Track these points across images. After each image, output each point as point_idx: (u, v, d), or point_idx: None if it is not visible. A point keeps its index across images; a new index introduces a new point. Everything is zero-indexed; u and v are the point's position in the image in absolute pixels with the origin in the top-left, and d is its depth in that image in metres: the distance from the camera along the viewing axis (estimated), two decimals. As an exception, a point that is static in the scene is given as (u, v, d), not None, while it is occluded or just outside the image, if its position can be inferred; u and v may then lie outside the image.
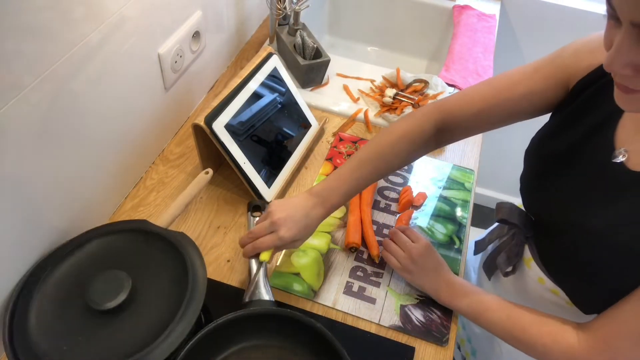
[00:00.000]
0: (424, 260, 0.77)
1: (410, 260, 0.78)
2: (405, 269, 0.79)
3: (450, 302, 0.75)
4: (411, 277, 0.79)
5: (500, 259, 0.78)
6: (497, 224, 0.88)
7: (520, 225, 0.73)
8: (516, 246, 0.76)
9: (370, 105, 1.12)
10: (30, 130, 0.62)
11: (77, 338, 0.61)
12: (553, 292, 0.71)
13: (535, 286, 0.74)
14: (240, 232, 0.87)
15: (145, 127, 0.90)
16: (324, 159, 1.01)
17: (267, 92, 0.93)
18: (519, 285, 0.78)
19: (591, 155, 0.62)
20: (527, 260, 0.75)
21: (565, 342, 0.63)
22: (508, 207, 0.75)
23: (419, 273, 0.78)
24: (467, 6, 1.44)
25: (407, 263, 0.78)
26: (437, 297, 0.77)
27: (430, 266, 0.78)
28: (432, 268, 0.77)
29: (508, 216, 0.74)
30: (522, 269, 0.77)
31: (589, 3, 1.50)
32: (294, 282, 0.80)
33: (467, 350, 0.98)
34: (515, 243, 0.76)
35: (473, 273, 0.98)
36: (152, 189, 0.92)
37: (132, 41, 0.78)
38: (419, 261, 0.77)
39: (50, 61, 0.62)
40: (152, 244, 0.71)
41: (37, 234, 0.69)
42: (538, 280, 0.73)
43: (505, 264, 0.77)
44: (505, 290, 0.82)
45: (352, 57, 1.31)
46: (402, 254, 0.79)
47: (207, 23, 1.01)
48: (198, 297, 0.66)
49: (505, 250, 0.78)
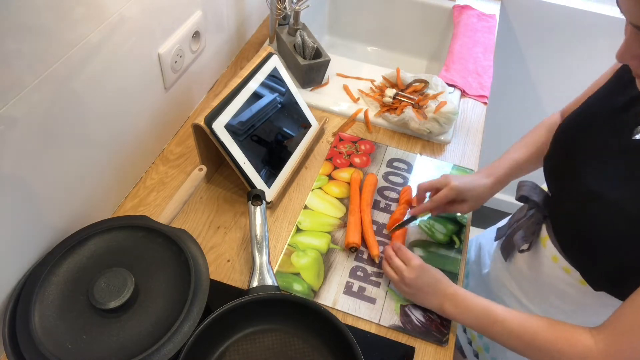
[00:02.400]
0: (419, 282, 0.76)
1: (404, 285, 0.77)
2: (403, 292, 0.78)
3: (457, 317, 0.73)
4: (413, 299, 0.78)
5: (518, 236, 0.79)
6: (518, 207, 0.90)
7: (540, 202, 0.76)
8: (533, 225, 0.77)
9: (370, 105, 1.12)
10: (31, 130, 0.62)
11: (82, 336, 0.61)
12: (565, 270, 0.73)
13: (549, 264, 0.76)
14: (240, 232, 0.87)
15: (145, 127, 0.90)
16: (324, 159, 1.01)
17: (267, 92, 0.93)
18: (533, 264, 0.80)
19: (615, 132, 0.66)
20: (543, 239, 0.77)
21: (581, 345, 0.61)
22: (529, 185, 0.78)
23: (418, 294, 0.77)
24: (467, 6, 1.44)
25: (403, 287, 0.78)
26: (442, 313, 0.75)
27: (427, 286, 0.76)
28: (430, 287, 0.76)
29: (529, 193, 0.76)
30: (538, 248, 0.78)
31: (589, 3, 1.50)
32: (294, 282, 0.80)
33: (480, 345, 0.99)
34: (533, 222, 0.78)
35: (488, 259, 0.98)
36: (152, 189, 0.92)
37: (132, 41, 0.78)
38: (413, 284, 0.76)
39: (50, 61, 0.62)
40: (153, 240, 0.71)
41: (37, 233, 0.69)
42: (552, 258, 0.75)
43: (522, 240, 0.78)
44: (519, 270, 0.83)
45: (352, 57, 1.31)
46: (397, 279, 0.78)
47: (207, 23, 1.01)
48: (202, 295, 0.66)
49: (523, 229, 0.79)
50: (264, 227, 0.78)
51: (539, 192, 0.77)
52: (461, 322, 0.73)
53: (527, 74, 1.69)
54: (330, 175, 0.98)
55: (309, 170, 0.99)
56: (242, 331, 0.70)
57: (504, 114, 1.81)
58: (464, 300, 0.72)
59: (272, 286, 0.73)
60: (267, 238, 0.78)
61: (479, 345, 0.99)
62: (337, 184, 0.96)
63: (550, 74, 1.66)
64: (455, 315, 0.73)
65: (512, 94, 1.75)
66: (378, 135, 1.08)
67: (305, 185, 0.96)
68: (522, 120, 1.84)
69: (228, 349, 0.69)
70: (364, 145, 1.04)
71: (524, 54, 1.65)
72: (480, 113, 1.16)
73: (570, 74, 1.64)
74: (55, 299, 0.64)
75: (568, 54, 1.59)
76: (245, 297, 0.69)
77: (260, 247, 0.76)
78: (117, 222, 0.73)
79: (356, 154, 1.02)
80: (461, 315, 0.72)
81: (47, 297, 0.64)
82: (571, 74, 1.63)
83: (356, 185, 0.94)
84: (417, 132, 1.06)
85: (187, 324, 0.63)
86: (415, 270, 0.76)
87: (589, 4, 1.50)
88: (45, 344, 0.59)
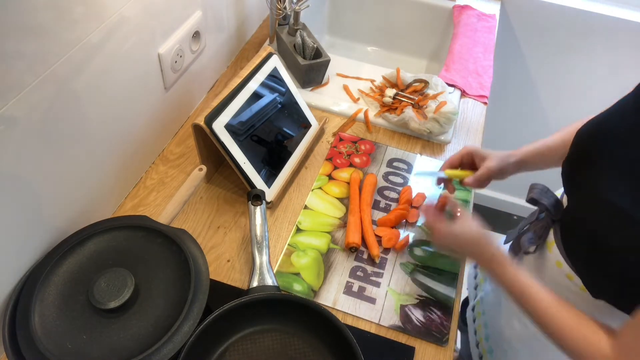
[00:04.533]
0: (454, 246, 0.76)
1: (441, 245, 0.79)
2: (452, 251, 0.80)
3: (495, 282, 0.74)
4: (461, 256, 0.81)
5: (525, 238, 0.79)
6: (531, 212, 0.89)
7: (549, 206, 0.75)
8: (542, 228, 0.78)
9: (370, 105, 1.12)
10: (31, 129, 0.62)
11: (82, 336, 0.61)
12: (568, 277, 0.73)
13: (552, 269, 0.76)
14: (240, 232, 0.87)
15: (145, 127, 0.90)
16: (324, 159, 1.01)
17: (267, 92, 0.93)
18: (538, 268, 0.80)
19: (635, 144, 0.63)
20: (550, 244, 0.77)
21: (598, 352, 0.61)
22: (540, 187, 0.78)
23: (467, 252, 0.76)
24: (467, 6, 1.44)
25: (450, 248, 0.78)
26: (489, 270, 0.73)
27: (464, 247, 0.75)
28: (468, 248, 0.75)
29: (539, 196, 0.76)
30: (544, 252, 0.78)
31: (589, 3, 1.50)
32: (294, 282, 0.80)
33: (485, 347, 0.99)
34: (542, 225, 0.78)
35: None
36: (152, 189, 0.92)
37: (132, 41, 0.78)
38: (449, 247, 0.77)
39: (50, 61, 0.62)
40: (153, 240, 0.71)
41: (37, 233, 0.69)
42: (556, 263, 0.75)
43: (529, 243, 0.78)
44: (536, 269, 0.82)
45: (352, 57, 1.31)
46: (443, 239, 0.77)
47: (207, 23, 1.01)
48: (202, 295, 0.66)
49: (531, 231, 0.80)
50: (264, 227, 0.78)
51: (549, 196, 0.76)
52: (498, 283, 0.72)
53: (527, 74, 1.69)
54: (330, 175, 0.98)
55: (309, 170, 0.99)
56: (242, 331, 0.70)
57: (504, 114, 1.81)
58: (503, 275, 0.71)
59: (272, 286, 0.73)
60: (267, 238, 0.78)
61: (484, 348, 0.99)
62: (337, 184, 0.96)
63: (550, 74, 1.66)
64: (494, 281, 0.73)
65: (512, 94, 1.75)
66: (378, 135, 1.08)
67: (305, 185, 0.96)
68: (522, 120, 1.84)
69: (228, 349, 0.69)
70: (364, 145, 1.04)
71: (524, 54, 1.65)
72: (480, 113, 1.16)
73: (570, 74, 1.64)
74: (55, 299, 0.64)
75: (568, 54, 1.59)
76: (245, 297, 0.68)
77: (260, 247, 0.76)
78: (117, 222, 0.73)
79: (356, 154, 1.02)
80: (499, 284, 0.72)
81: (47, 297, 0.64)
82: (571, 74, 1.63)
83: (356, 185, 0.94)
84: (417, 132, 1.06)
85: (187, 324, 0.63)
86: (444, 236, 0.76)
87: (589, 4, 1.50)
88: (45, 344, 0.59)
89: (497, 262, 0.71)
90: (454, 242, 0.75)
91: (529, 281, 0.69)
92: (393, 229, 0.89)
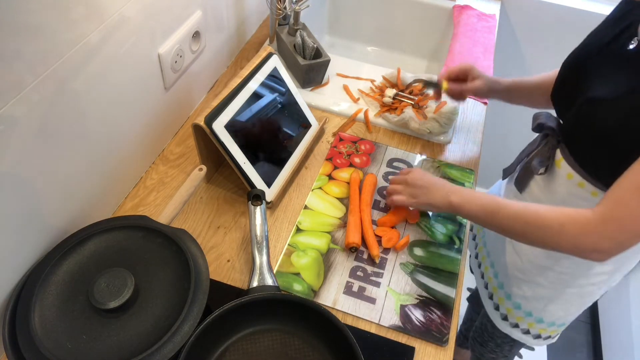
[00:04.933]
0: (421, 180, 0.86)
1: (408, 186, 0.86)
2: (410, 196, 0.86)
3: (463, 207, 0.79)
4: (418, 201, 0.85)
5: (536, 161, 0.85)
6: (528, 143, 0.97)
7: (555, 127, 0.84)
8: (549, 150, 0.85)
9: (370, 105, 1.12)
10: (31, 129, 0.62)
11: (82, 336, 0.61)
12: (579, 185, 0.79)
13: (564, 183, 0.82)
14: (240, 232, 0.87)
15: (146, 127, 0.90)
16: (324, 159, 1.01)
17: (267, 92, 0.93)
18: (548, 187, 0.86)
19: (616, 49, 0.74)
20: (558, 161, 0.83)
21: (581, 217, 0.68)
22: (544, 114, 0.87)
23: (423, 193, 0.84)
24: (467, 6, 1.44)
25: (408, 190, 0.86)
26: (449, 207, 0.81)
27: (431, 182, 0.85)
28: (433, 183, 0.85)
29: (545, 121, 0.85)
30: (553, 170, 0.85)
31: (589, 3, 1.50)
32: (294, 282, 0.80)
33: (495, 285, 1.06)
34: (548, 148, 0.85)
35: None
36: (152, 189, 0.92)
37: (132, 41, 0.78)
38: (417, 183, 0.86)
39: (50, 61, 0.62)
40: (153, 240, 0.71)
41: (37, 233, 0.69)
42: (567, 176, 0.81)
43: (539, 165, 0.85)
44: (534, 198, 0.89)
45: (352, 57, 1.31)
46: (400, 187, 0.87)
47: (207, 23, 1.01)
48: (201, 295, 0.66)
49: (538, 156, 0.86)
50: (264, 227, 0.78)
51: (553, 119, 0.86)
52: (467, 212, 0.79)
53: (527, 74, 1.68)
54: (330, 175, 0.98)
55: (309, 170, 0.99)
56: (242, 331, 0.70)
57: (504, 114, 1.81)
58: (469, 192, 0.80)
59: (272, 286, 0.73)
60: (267, 238, 0.78)
61: (494, 286, 1.05)
62: (337, 184, 0.96)
63: (550, 74, 1.66)
64: (462, 205, 0.79)
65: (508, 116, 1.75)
66: (378, 135, 1.08)
67: (305, 185, 0.96)
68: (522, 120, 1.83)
69: (228, 349, 0.69)
70: (364, 145, 1.04)
71: (524, 54, 1.65)
72: (480, 113, 1.16)
73: (570, 74, 1.63)
74: (55, 299, 0.64)
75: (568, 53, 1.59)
76: (245, 297, 0.68)
77: (260, 247, 0.76)
78: (117, 222, 0.73)
79: (356, 154, 1.02)
80: (467, 205, 0.79)
81: (47, 297, 0.64)
82: (571, 74, 1.63)
83: (356, 185, 0.94)
84: (417, 132, 1.06)
85: (187, 324, 0.63)
86: (416, 171, 0.88)
87: (589, 4, 1.50)
88: (45, 344, 0.59)
89: (457, 194, 0.80)
90: (423, 179, 0.86)
91: (492, 197, 0.78)
92: (393, 229, 0.89)
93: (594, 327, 1.88)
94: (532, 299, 0.98)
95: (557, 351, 1.82)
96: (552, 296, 0.95)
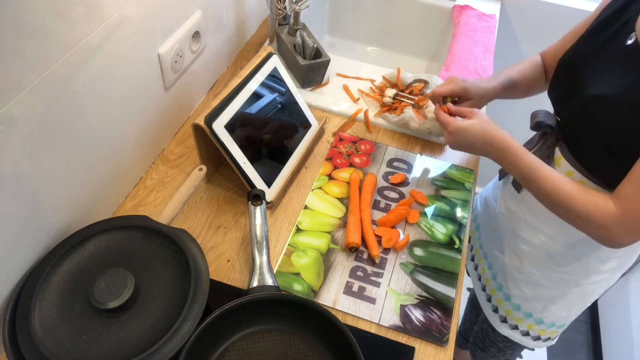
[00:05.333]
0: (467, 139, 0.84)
1: (454, 142, 0.86)
2: (456, 145, 0.87)
3: (505, 168, 0.82)
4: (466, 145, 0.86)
5: None
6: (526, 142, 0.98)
7: (554, 125, 0.85)
8: (548, 148, 0.86)
9: (370, 105, 1.12)
10: (31, 129, 0.62)
11: (82, 336, 0.61)
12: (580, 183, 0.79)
13: None
14: (240, 232, 0.87)
15: (145, 127, 0.90)
16: (324, 159, 1.01)
17: (267, 92, 0.93)
18: None
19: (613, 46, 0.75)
20: (557, 160, 0.85)
21: (606, 209, 0.71)
22: (543, 112, 0.87)
23: (469, 148, 0.86)
24: (467, 6, 1.44)
25: (453, 142, 0.86)
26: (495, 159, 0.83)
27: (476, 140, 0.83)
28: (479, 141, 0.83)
29: (543, 119, 0.86)
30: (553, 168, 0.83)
31: (589, 3, 1.50)
32: (294, 282, 0.80)
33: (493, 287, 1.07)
34: (547, 146, 0.86)
35: (495, 202, 1.07)
36: (152, 189, 0.92)
37: (132, 41, 0.78)
38: (460, 142, 0.85)
39: (50, 61, 0.62)
40: (153, 240, 0.71)
41: (37, 233, 0.69)
42: (567, 174, 0.82)
43: None
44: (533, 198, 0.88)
45: (352, 57, 1.31)
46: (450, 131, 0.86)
47: (207, 23, 1.01)
48: (201, 295, 0.66)
49: (537, 154, 0.85)
50: (264, 227, 0.78)
51: (552, 117, 0.86)
52: (506, 169, 0.82)
53: (527, 74, 1.69)
54: (330, 175, 0.98)
55: (309, 170, 0.99)
56: (242, 331, 0.70)
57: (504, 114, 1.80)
58: (512, 156, 0.79)
59: (272, 286, 0.73)
60: (267, 238, 0.78)
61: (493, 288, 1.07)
62: (337, 184, 0.96)
63: (550, 74, 1.66)
64: (504, 166, 0.82)
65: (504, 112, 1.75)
66: (378, 135, 1.08)
67: (305, 185, 0.96)
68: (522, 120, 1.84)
69: (228, 349, 0.69)
70: (364, 145, 1.04)
71: (524, 54, 1.65)
72: (480, 113, 1.16)
73: (570, 74, 1.63)
74: (55, 299, 0.64)
75: (568, 54, 1.59)
76: (245, 297, 0.68)
77: (260, 247, 0.76)
78: (117, 222, 0.73)
79: (356, 154, 1.02)
80: (507, 169, 0.82)
81: (47, 297, 0.64)
82: (571, 74, 1.63)
83: (355, 185, 0.94)
84: (417, 132, 1.06)
85: (187, 324, 0.63)
86: (452, 134, 0.85)
87: (589, 4, 1.50)
88: (45, 344, 0.59)
89: (509, 151, 0.79)
90: (466, 136, 0.83)
91: (538, 162, 0.77)
92: (393, 229, 0.89)
93: (594, 327, 1.88)
94: (532, 299, 0.98)
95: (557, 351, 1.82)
96: (554, 297, 0.95)
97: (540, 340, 1.05)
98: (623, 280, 1.74)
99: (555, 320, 1.00)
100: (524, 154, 0.79)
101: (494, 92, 0.95)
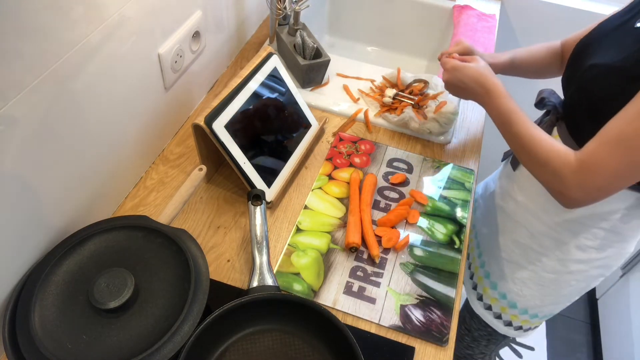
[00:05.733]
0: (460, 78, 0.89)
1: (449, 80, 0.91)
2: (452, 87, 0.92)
3: (486, 110, 0.86)
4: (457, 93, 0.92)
5: None
6: None
7: (557, 103, 0.88)
8: (548, 127, 0.88)
9: (370, 105, 1.12)
10: (31, 129, 0.62)
11: (82, 337, 0.61)
12: None
13: None
14: (240, 232, 0.87)
15: (145, 127, 0.90)
16: (324, 159, 1.01)
17: (267, 92, 0.93)
18: None
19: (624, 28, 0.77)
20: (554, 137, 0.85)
21: (565, 158, 0.72)
22: (548, 90, 0.91)
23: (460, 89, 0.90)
24: (467, 6, 1.44)
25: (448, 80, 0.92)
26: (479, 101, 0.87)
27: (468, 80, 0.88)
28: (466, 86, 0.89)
29: (548, 96, 0.89)
30: None
31: (589, 3, 1.50)
32: (294, 282, 0.80)
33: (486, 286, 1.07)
34: (547, 125, 0.88)
35: (493, 184, 1.09)
36: (152, 189, 0.92)
37: (132, 41, 0.78)
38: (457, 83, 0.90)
39: (50, 61, 0.62)
40: (153, 240, 0.71)
41: (37, 233, 0.69)
42: None
43: None
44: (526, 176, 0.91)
45: (352, 57, 1.31)
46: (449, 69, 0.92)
47: (207, 23, 1.01)
48: (202, 295, 0.66)
49: None
50: (264, 227, 0.78)
51: (556, 96, 0.89)
52: (488, 113, 0.86)
53: (527, 74, 1.69)
54: (330, 175, 0.98)
55: (309, 170, 0.99)
56: (242, 331, 0.70)
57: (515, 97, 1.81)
58: (497, 99, 0.83)
59: (272, 286, 0.73)
60: (267, 238, 0.78)
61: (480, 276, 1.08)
62: (337, 184, 0.96)
63: (550, 74, 1.66)
64: (487, 110, 0.86)
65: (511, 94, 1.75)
66: (378, 135, 1.08)
67: (305, 185, 0.96)
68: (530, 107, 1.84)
69: (228, 349, 0.69)
70: (364, 145, 1.04)
71: (524, 54, 1.64)
72: (480, 113, 1.16)
73: (570, 74, 1.63)
74: (55, 299, 0.64)
75: (568, 54, 1.59)
76: (245, 297, 0.68)
77: (260, 247, 0.76)
78: (117, 222, 0.74)
79: (356, 154, 1.02)
80: (489, 112, 0.85)
81: (47, 297, 0.64)
82: (571, 74, 1.63)
83: (356, 185, 0.94)
84: (417, 132, 1.06)
85: (187, 324, 0.63)
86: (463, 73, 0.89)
87: (589, 4, 1.50)
88: (45, 344, 0.59)
89: (495, 93, 0.83)
90: (460, 75, 0.88)
91: (519, 109, 0.81)
92: (393, 229, 0.89)
93: (594, 327, 1.88)
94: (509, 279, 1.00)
95: (557, 351, 1.82)
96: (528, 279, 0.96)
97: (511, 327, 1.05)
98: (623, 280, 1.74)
99: (528, 308, 1.00)
100: (508, 98, 0.82)
101: (497, 66, 0.99)
